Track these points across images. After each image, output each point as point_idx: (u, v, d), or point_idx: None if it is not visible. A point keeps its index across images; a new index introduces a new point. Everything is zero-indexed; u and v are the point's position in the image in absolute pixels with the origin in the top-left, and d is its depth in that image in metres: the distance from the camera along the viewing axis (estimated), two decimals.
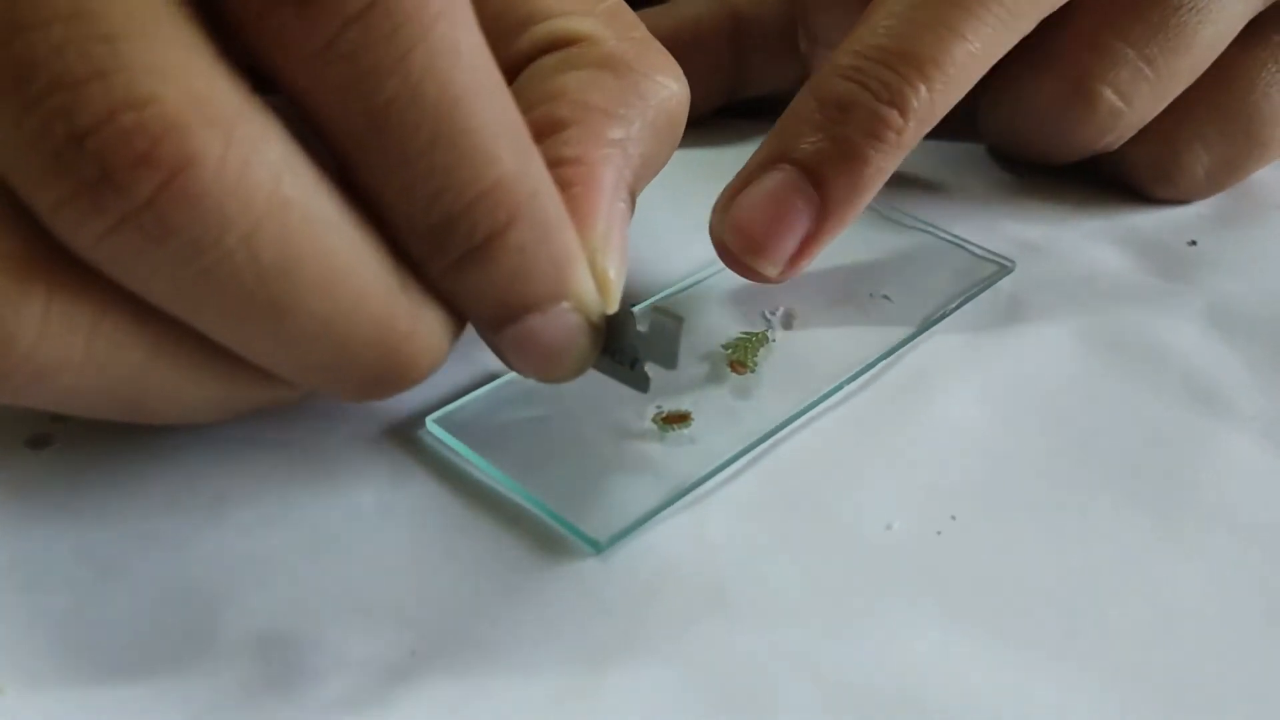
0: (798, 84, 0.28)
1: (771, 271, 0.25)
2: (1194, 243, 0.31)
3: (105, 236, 0.15)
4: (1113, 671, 0.18)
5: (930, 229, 0.30)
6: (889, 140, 0.25)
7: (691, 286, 0.27)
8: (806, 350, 0.25)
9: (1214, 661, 0.19)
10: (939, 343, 0.26)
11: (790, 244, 0.25)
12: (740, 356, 0.24)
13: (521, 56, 0.23)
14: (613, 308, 0.20)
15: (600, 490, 0.21)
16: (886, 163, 0.25)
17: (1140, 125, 0.31)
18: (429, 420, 0.22)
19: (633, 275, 0.27)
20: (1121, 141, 0.31)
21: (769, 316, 0.26)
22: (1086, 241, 0.31)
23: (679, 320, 0.19)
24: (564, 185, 0.20)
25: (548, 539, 0.20)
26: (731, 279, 0.26)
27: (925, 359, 0.26)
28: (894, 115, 0.25)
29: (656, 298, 0.26)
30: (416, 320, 0.18)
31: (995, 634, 0.19)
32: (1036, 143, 0.32)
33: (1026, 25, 0.27)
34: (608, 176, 0.21)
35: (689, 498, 0.21)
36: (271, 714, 0.17)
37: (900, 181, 0.33)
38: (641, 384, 0.20)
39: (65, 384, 0.16)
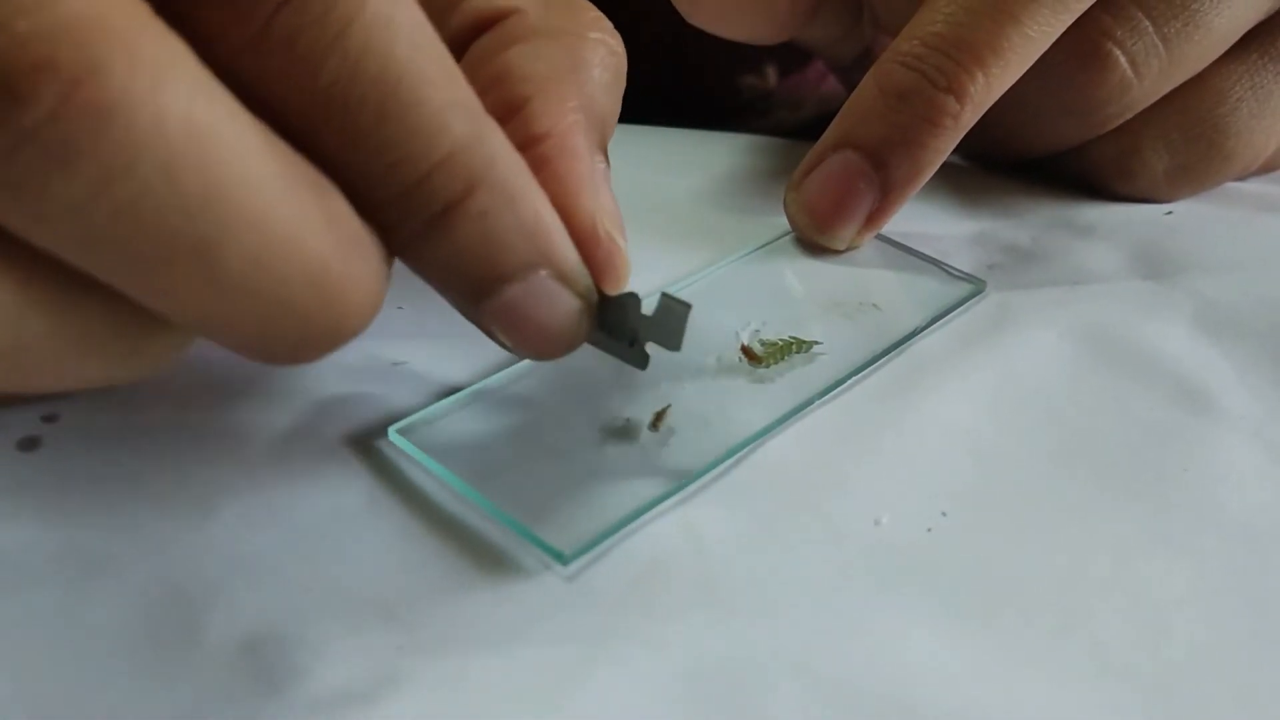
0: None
1: (839, 246, 0.28)
2: (1182, 245, 0.31)
3: (2, 160, 0.13)
4: (1102, 669, 0.18)
5: (903, 247, 0.29)
6: (946, 126, 0.27)
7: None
8: (783, 364, 0.24)
9: (1202, 660, 0.18)
10: (929, 343, 0.26)
11: (854, 222, 0.28)
12: (763, 354, 0.24)
13: (454, 38, 0.23)
14: (623, 281, 0.20)
15: (566, 502, 0.20)
16: (944, 145, 0.27)
17: (1139, 108, 0.30)
18: (391, 430, 0.21)
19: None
20: (1119, 121, 0.30)
21: (739, 333, 0.25)
22: (1075, 245, 0.30)
23: (687, 306, 0.19)
24: (541, 162, 0.20)
25: None
26: (705, 293, 0.26)
27: (916, 359, 0.25)
28: (951, 102, 0.26)
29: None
30: (352, 259, 0.16)
31: (985, 630, 0.19)
32: (1038, 112, 0.31)
33: (1081, 6, 0.27)
34: (581, 143, 0.21)
35: (681, 494, 0.21)
36: (258, 712, 0.16)
37: None
38: (640, 361, 0.20)
39: None
